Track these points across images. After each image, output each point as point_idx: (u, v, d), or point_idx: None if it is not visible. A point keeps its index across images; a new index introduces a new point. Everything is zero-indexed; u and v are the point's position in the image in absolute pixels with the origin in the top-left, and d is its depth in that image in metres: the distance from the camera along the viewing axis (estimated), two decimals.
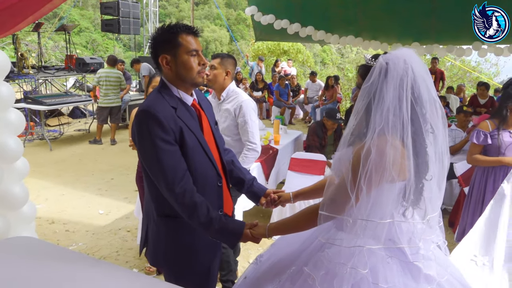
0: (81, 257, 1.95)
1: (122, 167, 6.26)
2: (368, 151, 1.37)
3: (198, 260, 1.79)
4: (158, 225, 1.75)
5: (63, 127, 8.52)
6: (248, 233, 1.65)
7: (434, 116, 1.43)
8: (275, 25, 7.75)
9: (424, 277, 1.42)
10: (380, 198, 1.42)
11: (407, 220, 1.48)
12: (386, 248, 1.45)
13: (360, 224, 1.43)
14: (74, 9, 25.55)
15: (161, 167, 1.57)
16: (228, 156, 2.02)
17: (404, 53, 1.42)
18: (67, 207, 4.65)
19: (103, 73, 7.60)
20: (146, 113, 1.59)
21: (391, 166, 1.36)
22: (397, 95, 1.38)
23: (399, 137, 1.38)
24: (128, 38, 22.23)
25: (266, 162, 4.08)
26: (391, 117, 1.38)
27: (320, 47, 26.85)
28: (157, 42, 1.69)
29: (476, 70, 15.65)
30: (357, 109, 1.46)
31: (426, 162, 1.45)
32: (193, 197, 1.60)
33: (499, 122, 2.96)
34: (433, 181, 1.47)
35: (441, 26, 7.03)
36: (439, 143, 1.46)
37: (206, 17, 32.81)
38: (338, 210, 1.46)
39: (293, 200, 1.96)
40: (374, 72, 1.42)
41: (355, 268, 1.40)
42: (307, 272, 1.49)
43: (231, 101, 2.79)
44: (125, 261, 3.47)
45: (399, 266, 1.44)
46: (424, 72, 1.43)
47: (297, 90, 11.19)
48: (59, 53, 18.01)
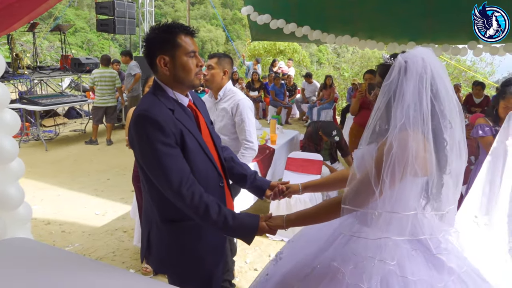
0: (77, 258, 1.94)
1: (118, 168, 6.24)
2: (390, 145, 1.41)
3: (203, 264, 1.77)
4: (161, 230, 1.72)
5: (59, 128, 8.49)
6: (264, 225, 1.62)
7: (452, 112, 1.48)
8: (271, 25, 7.75)
9: (447, 269, 1.46)
10: (404, 191, 1.45)
11: (426, 214, 1.52)
12: (410, 240, 1.49)
13: (384, 217, 1.47)
14: (69, 9, 25.48)
15: (165, 171, 1.54)
16: (226, 153, 2.00)
17: (422, 52, 1.47)
18: (63, 207, 4.63)
19: (97, 73, 7.57)
20: (145, 117, 1.55)
21: (414, 159, 1.40)
22: (417, 91, 1.42)
23: (421, 131, 1.42)
24: (124, 38, 22.17)
25: (262, 162, 4.08)
26: (412, 112, 1.42)
27: (316, 46, 26.89)
28: (153, 42, 1.65)
29: (471, 69, 15.72)
30: (378, 106, 1.49)
31: (446, 156, 1.49)
32: (202, 197, 1.57)
33: (493, 121, 2.99)
34: (452, 175, 1.52)
35: (436, 25, 7.05)
36: (457, 138, 1.50)
37: (202, 17, 32.80)
38: (362, 203, 1.49)
39: (302, 191, 1.97)
40: (393, 71, 1.46)
41: (383, 260, 1.44)
42: (335, 267, 1.51)
43: (228, 100, 2.79)
44: (122, 262, 3.46)
45: (423, 259, 1.47)
46: (441, 70, 1.47)
47: (293, 89, 11.20)
48: (55, 53, 17.95)
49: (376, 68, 1.69)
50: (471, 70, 15.52)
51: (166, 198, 1.61)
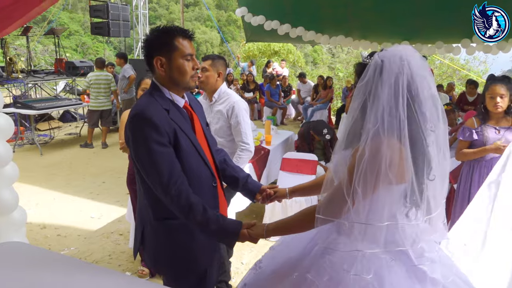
0: (73, 262, 1.94)
1: (114, 171, 6.22)
2: (362, 152, 1.34)
3: (196, 262, 1.79)
4: (155, 228, 1.75)
5: (54, 131, 8.45)
6: (245, 233, 1.62)
7: (434, 114, 1.39)
8: (266, 26, 7.76)
9: (429, 280, 1.38)
10: (378, 201, 1.38)
11: (411, 221, 1.44)
12: (389, 251, 1.41)
13: (358, 228, 1.39)
14: (63, 12, 25.37)
15: (157, 169, 1.58)
16: (220, 156, 2.02)
17: (401, 50, 1.39)
18: (58, 211, 4.61)
19: (93, 77, 7.55)
20: (140, 116, 1.59)
21: (387, 167, 1.32)
22: (393, 93, 1.33)
23: (396, 137, 1.33)
24: (119, 41, 22.16)
25: (257, 163, 4.08)
26: (387, 116, 1.33)
27: (311, 47, 26.93)
28: (152, 43, 1.69)
29: (465, 68, 15.79)
30: (353, 109, 1.42)
31: (428, 161, 1.40)
32: (189, 197, 1.60)
33: (482, 119, 3.02)
34: (436, 180, 1.43)
35: (429, 24, 7.08)
36: (441, 141, 1.42)
37: (197, 19, 32.78)
38: (335, 213, 1.42)
39: (289, 196, 1.94)
40: (369, 70, 1.38)
41: (358, 275, 1.37)
42: (310, 279, 1.45)
43: (223, 102, 2.80)
44: (118, 265, 3.45)
45: (404, 269, 1.40)
46: (423, 69, 1.38)
47: (288, 90, 11.22)
48: (49, 57, 17.90)
49: (354, 67, 1.62)
50: (465, 69, 15.59)
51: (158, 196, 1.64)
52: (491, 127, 2.97)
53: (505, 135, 2.91)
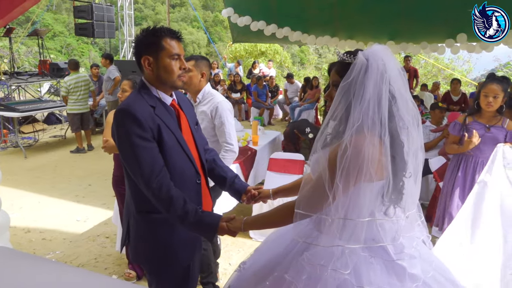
0: (58, 266, 1.92)
1: (100, 173, 6.16)
2: (345, 148, 1.36)
3: (177, 257, 1.82)
4: (137, 221, 1.79)
5: (38, 134, 8.32)
6: (224, 226, 1.65)
7: (408, 112, 1.43)
8: (252, 27, 7.77)
9: (408, 276, 1.40)
10: (358, 197, 1.40)
11: (390, 219, 1.46)
12: (368, 247, 1.43)
13: (337, 223, 1.41)
14: (47, 13, 25.08)
15: (139, 163, 1.62)
16: (210, 155, 2.06)
17: (381, 50, 1.42)
18: (43, 215, 4.55)
19: (71, 81, 7.26)
20: (124, 111, 1.65)
21: (369, 164, 1.35)
22: (377, 91, 1.37)
23: (377, 134, 1.37)
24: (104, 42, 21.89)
25: (245, 163, 4.08)
26: (371, 113, 1.36)
27: (298, 47, 27.04)
28: (140, 43, 1.74)
29: (449, 67, 16.02)
30: (335, 107, 1.43)
31: (404, 159, 1.43)
32: (169, 191, 1.64)
33: (471, 113, 3.09)
34: (411, 178, 1.47)
35: (414, 25, 7.17)
36: (414, 139, 1.45)
37: (183, 19, 32.67)
38: (315, 208, 1.44)
39: (273, 196, 1.96)
40: (354, 69, 1.39)
41: (336, 270, 1.38)
42: (288, 280, 1.46)
43: (207, 103, 2.79)
44: (104, 268, 3.42)
45: (383, 266, 1.42)
46: (397, 69, 1.43)
47: (275, 90, 11.24)
48: (33, 58, 17.64)
49: (329, 66, 1.62)
50: (449, 68, 15.82)
51: (141, 190, 1.68)
52: (480, 123, 3.03)
53: (494, 133, 2.97)
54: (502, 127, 2.98)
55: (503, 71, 13.82)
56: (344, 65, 1.46)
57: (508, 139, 2.94)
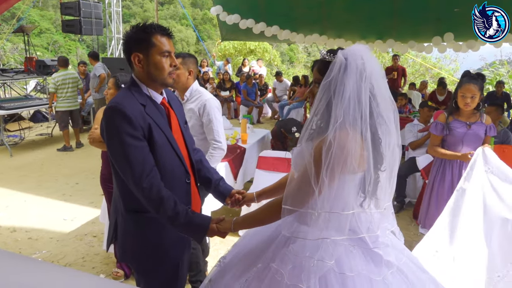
0: (45, 266, 1.89)
1: (87, 171, 6.10)
2: (329, 144, 1.40)
3: (165, 256, 1.81)
4: (126, 220, 1.77)
5: (24, 132, 8.21)
6: (214, 228, 1.66)
7: (387, 110, 1.48)
8: (241, 25, 7.77)
9: (385, 262, 1.48)
10: (342, 190, 1.45)
11: (365, 210, 1.53)
12: (349, 238, 1.49)
13: (324, 217, 1.45)
14: (34, 10, 24.72)
15: (129, 162, 1.60)
16: (197, 156, 2.05)
17: (360, 49, 1.47)
18: (29, 214, 4.49)
19: (59, 77, 7.22)
20: (115, 109, 1.61)
21: (352, 158, 1.40)
22: (356, 89, 1.41)
23: (359, 129, 1.42)
24: (92, 39, 21.68)
25: (233, 161, 4.08)
26: (351, 110, 1.41)
27: (287, 46, 27.07)
28: (130, 40, 1.71)
29: (436, 66, 16.20)
30: (317, 104, 1.48)
31: (381, 154, 1.50)
32: (160, 191, 1.62)
33: (450, 112, 3.13)
34: (387, 172, 1.53)
35: (402, 24, 7.25)
36: (391, 135, 1.51)
37: (172, 17, 32.48)
38: (302, 203, 1.48)
39: (257, 199, 1.97)
40: (334, 68, 1.44)
41: (321, 260, 1.43)
42: (274, 268, 1.50)
43: (195, 100, 2.78)
44: (92, 267, 3.39)
45: (362, 254, 1.49)
46: (377, 67, 1.48)
47: (264, 89, 11.25)
48: (18, 55, 17.40)
49: (312, 64, 1.68)
50: (436, 67, 16.00)
51: (130, 189, 1.66)
52: (462, 122, 3.07)
53: (475, 129, 3.01)
54: (481, 122, 3.05)
55: (488, 70, 14.01)
56: (324, 63, 1.52)
57: (488, 133, 3.02)
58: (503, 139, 4.43)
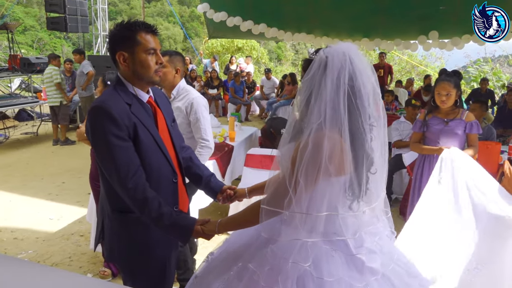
0: (31, 266, 1.87)
1: (74, 170, 6.03)
2: (305, 146, 1.38)
3: (152, 256, 1.80)
4: (112, 220, 1.76)
5: (9, 131, 8.09)
6: (199, 229, 1.64)
7: (375, 109, 1.45)
8: (228, 22, 7.76)
9: (368, 269, 1.44)
10: (317, 192, 1.42)
11: (354, 213, 1.49)
12: (330, 241, 1.46)
13: (299, 218, 1.44)
14: (18, 7, 24.33)
15: (114, 162, 1.58)
16: (186, 153, 2.03)
17: (344, 47, 1.43)
18: (14, 214, 4.43)
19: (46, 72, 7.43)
20: (99, 109, 1.59)
21: (327, 160, 1.36)
22: (335, 88, 1.37)
23: (338, 131, 1.38)
24: (77, 37, 21.41)
25: (221, 159, 4.08)
26: (329, 111, 1.38)
27: (275, 43, 27.08)
28: (115, 38, 1.68)
29: (422, 64, 16.37)
30: (298, 103, 1.47)
31: (368, 155, 1.45)
32: (145, 192, 1.60)
33: (430, 110, 3.19)
34: (377, 174, 1.50)
35: (388, 22, 7.31)
36: (381, 135, 1.49)
37: (159, 15, 32.23)
38: (279, 204, 1.45)
39: (249, 195, 1.97)
40: (314, 66, 1.42)
41: (296, 263, 1.41)
42: (251, 269, 1.49)
43: (182, 99, 2.77)
44: (79, 267, 3.37)
45: (344, 259, 1.45)
46: (364, 65, 1.43)
47: (252, 86, 11.25)
48: (2, 53, 17.11)
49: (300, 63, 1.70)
50: (422, 65, 16.16)
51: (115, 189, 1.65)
52: (440, 119, 3.13)
53: (452, 126, 3.08)
54: (461, 119, 3.09)
55: (473, 67, 14.19)
56: (308, 62, 1.50)
57: (469, 130, 3.06)
58: (487, 136, 4.51)
